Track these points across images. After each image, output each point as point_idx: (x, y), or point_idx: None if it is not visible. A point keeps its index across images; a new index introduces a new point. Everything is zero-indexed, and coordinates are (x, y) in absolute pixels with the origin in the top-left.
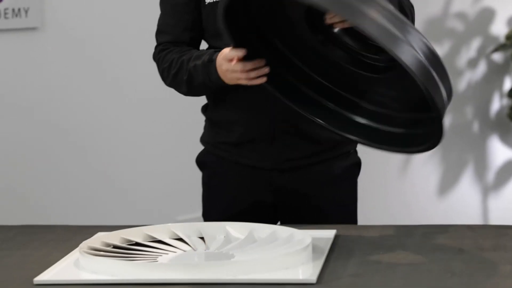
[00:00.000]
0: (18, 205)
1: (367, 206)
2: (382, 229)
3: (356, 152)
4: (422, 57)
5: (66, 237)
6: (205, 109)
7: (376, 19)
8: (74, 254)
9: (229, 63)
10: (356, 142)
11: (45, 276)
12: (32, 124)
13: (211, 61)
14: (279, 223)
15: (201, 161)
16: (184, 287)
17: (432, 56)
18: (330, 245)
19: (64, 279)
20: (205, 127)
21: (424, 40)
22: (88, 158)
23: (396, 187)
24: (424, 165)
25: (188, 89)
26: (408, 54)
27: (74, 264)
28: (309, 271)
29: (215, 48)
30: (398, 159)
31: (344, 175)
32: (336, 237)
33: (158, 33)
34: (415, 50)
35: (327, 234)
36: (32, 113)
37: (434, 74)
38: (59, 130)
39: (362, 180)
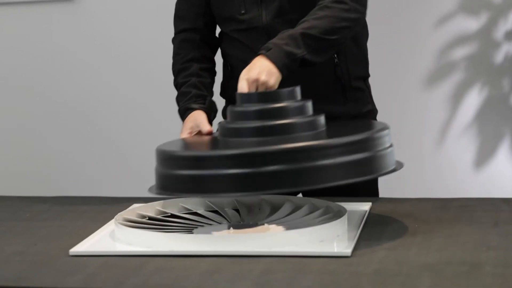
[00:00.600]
0: (54, 177)
1: (402, 179)
2: (418, 202)
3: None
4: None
5: (101, 209)
6: (223, 93)
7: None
8: (110, 226)
9: (193, 127)
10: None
11: (81, 247)
12: (68, 96)
13: (183, 117)
14: (300, 195)
15: None
16: (219, 259)
17: (362, 142)
18: (365, 218)
19: (100, 250)
20: (225, 106)
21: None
22: (124, 131)
23: (432, 160)
24: (460, 138)
25: None
26: (335, 175)
27: (109, 236)
28: (344, 244)
29: (226, 33)
30: (434, 132)
31: None
32: (371, 210)
33: (174, 18)
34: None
35: (362, 207)
36: (69, 85)
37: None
38: (94, 101)
39: (398, 154)
